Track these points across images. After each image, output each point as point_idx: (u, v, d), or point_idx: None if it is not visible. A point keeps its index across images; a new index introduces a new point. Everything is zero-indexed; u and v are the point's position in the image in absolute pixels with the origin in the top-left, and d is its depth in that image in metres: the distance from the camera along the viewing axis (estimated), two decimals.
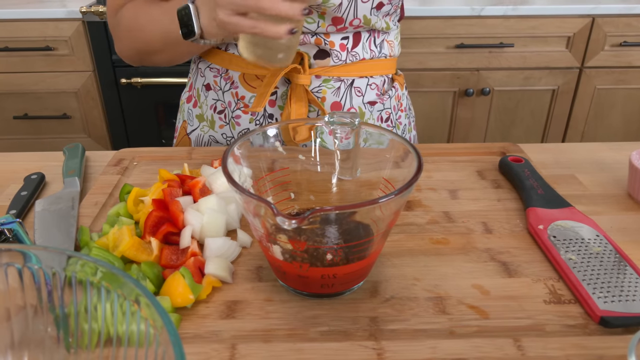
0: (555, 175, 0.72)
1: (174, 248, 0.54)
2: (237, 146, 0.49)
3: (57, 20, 1.73)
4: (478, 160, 0.74)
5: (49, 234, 0.58)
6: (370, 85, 0.80)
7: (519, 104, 1.92)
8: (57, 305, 0.40)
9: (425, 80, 1.85)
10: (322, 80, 0.77)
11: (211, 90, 0.82)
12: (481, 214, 0.62)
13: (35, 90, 1.84)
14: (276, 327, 0.46)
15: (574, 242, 0.55)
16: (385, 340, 0.45)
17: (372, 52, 0.78)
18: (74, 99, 1.86)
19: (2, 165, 0.75)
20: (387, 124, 0.84)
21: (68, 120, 1.89)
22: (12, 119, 1.88)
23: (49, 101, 1.87)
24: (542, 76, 1.87)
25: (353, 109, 0.79)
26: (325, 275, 0.46)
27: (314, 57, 0.75)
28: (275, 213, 0.39)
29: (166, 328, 0.31)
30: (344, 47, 0.75)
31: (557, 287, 0.51)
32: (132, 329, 0.36)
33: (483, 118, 1.93)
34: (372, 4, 0.72)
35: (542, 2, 1.81)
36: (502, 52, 1.81)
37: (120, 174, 0.70)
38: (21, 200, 0.65)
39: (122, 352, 0.37)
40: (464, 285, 0.51)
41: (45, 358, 0.40)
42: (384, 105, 0.82)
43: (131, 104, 1.87)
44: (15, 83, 1.83)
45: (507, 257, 0.55)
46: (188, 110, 0.87)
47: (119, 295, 0.36)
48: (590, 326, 0.46)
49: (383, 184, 0.52)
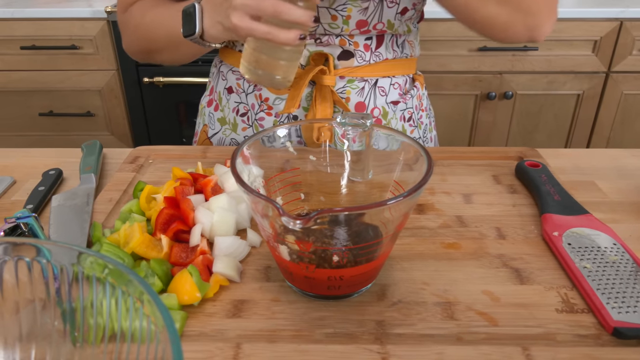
0: (573, 181, 0.71)
1: (184, 246, 0.54)
2: (247, 146, 0.49)
3: (82, 20, 1.76)
4: (494, 165, 0.73)
5: (63, 229, 0.59)
6: (393, 84, 0.80)
7: (542, 109, 1.89)
8: (64, 299, 0.40)
9: (446, 83, 1.84)
10: (347, 81, 0.77)
11: (233, 93, 0.82)
12: (495, 219, 0.61)
13: (60, 88, 1.88)
14: (282, 327, 0.46)
15: (589, 250, 0.53)
16: (390, 345, 0.44)
17: (394, 52, 0.79)
18: (97, 97, 1.89)
19: (22, 161, 0.77)
20: (410, 124, 0.83)
21: (92, 118, 1.93)
22: (38, 115, 1.92)
23: (74, 99, 1.90)
24: (566, 80, 1.83)
25: (377, 109, 0.79)
26: (332, 277, 0.45)
27: (338, 58, 0.75)
28: (281, 213, 0.39)
29: (166, 327, 0.32)
30: (367, 48, 0.76)
31: (570, 295, 0.50)
32: (135, 326, 0.36)
33: (505, 122, 1.90)
34: (397, 9, 0.73)
35: (569, 5, 1.77)
36: (525, 55, 1.79)
37: (136, 172, 0.71)
38: (38, 195, 0.66)
39: (125, 348, 0.37)
40: (474, 291, 0.50)
41: (52, 351, 0.41)
42: (407, 104, 0.82)
43: (153, 102, 1.89)
44: (41, 81, 1.86)
45: (520, 264, 0.54)
46: (209, 114, 0.87)
47: (123, 292, 0.37)
48: (603, 337, 0.45)
49: (393, 186, 0.52)
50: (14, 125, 1.95)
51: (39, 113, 1.92)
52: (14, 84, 1.87)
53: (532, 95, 1.86)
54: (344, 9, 0.71)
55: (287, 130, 0.53)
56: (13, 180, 0.72)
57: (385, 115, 0.80)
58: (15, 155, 0.79)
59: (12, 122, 1.95)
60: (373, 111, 0.79)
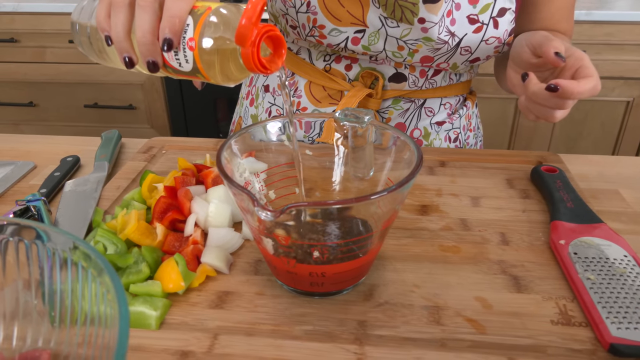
0: (596, 189, 0.67)
1: (179, 235, 0.54)
2: (236, 139, 0.49)
3: None
4: (510, 168, 0.70)
5: (69, 213, 0.61)
6: (444, 104, 0.76)
7: (588, 115, 1.81)
8: (47, 282, 0.41)
9: (486, 86, 1.78)
10: (392, 101, 0.73)
11: (268, 93, 0.81)
12: (501, 224, 0.58)
13: (105, 81, 1.94)
14: (262, 321, 0.46)
15: (596, 261, 0.50)
16: (369, 346, 0.43)
17: (450, 80, 0.75)
18: (139, 90, 1.95)
19: (45, 147, 0.80)
20: (455, 144, 0.80)
21: (133, 111, 1.98)
22: (83, 107, 1.99)
23: (117, 92, 1.96)
24: (615, 86, 1.75)
25: (417, 130, 0.76)
26: (314, 273, 0.45)
27: (389, 79, 0.72)
28: (255, 204, 0.38)
29: (119, 314, 0.32)
30: (423, 74, 0.72)
31: (569, 307, 0.47)
32: (101, 311, 0.36)
33: (547, 127, 1.83)
34: (469, 57, 0.69)
35: (621, 8, 1.69)
36: None
37: (147, 161, 0.72)
38: (53, 180, 0.68)
39: (94, 331, 0.37)
40: (466, 296, 0.48)
41: (32, 331, 0.42)
42: (453, 125, 0.78)
43: (192, 97, 1.93)
44: (87, 74, 1.93)
45: (520, 271, 0.51)
46: (245, 107, 0.86)
47: (100, 282, 0.37)
48: (599, 353, 0.42)
49: (387, 184, 0.50)
50: (61, 116, 2.04)
51: (85, 105, 1.99)
52: (63, 76, 1.95)
53: (577, 101, 1.78)
54: (414, 44, 0.67)
55: (281, 124, 0.52)
56: (34, 165, 0.74)
57: (427, 137, 0.76)
58: (40, 142, 0.81)
59: (60, 112, 2.03)
60: (413, 132, 0.75)
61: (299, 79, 0.76)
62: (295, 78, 0.77)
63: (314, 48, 0.74)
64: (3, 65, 1.96)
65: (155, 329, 0.45)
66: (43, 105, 2.03)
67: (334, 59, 0.73)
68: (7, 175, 0.71)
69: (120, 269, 0.50)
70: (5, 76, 1.98)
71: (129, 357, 0.42)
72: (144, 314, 0.45)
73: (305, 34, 0.70)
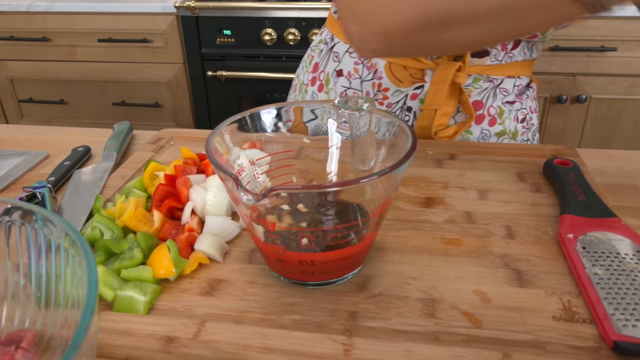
0: (614, 184, 0.64)
1: (176, 223, 0.54)
2: (228, 125, 0.48)
3: (154, 15, 1.84)
4: (522, 162, 0.67)
5: (73, 200, 0.61)
6: (517, 86, 0.77)
7: (620, 114, 1.74)
8: (35, 264, 0.41)
9: None
10: (473, 79, 0.74)
11: (342, 77, 0.79)
12: (508, 217, 0.56)
13: (132, 79, 1.98)
14: (251, 309, 0.45)
15: (605, 256, 0.48)
16: (358, 337, 0.42)
17: (525, 54, 0.75)
18: (165, 89, 1.97)
19: (59, 138, 0.81)
20: (523, 125, 0.80)
21: (159, 109, 2.01)
22: (111, 104, 2.03)
23: (144, 90, 1.99)
24: None
25: (493, 107, 0.76)
26: (304, 262, 0.43)
27: (472, 55, 0.72)
28: (238, 187, 0.38)
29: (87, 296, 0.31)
30: (504, 47, 0.72)
31: (574, 303, 0.44)
32: (80, 294, 0.36)
33: (577, 127, 1.78)
34: None
35: None
36: (602, 56, 1.66)
37: (155, 152, 0.72)
38: (62, 169, 0.69)
39: (75, 314, 0.37)
40: (464, 290, 0.46)
41: (20, 312, 0.42)
42: (522, 104, 0.79)
43: (216, 96, 1.94)
44: (115, 72, 1.97)
45: (524, 266, 0.49)
46: (312, 94, 0.83)
47: (73, 256, 0.37)
48: (602, 351, 0.40)
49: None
50: (90, 113, 2.08)
51: (112, 102, 2.03)
52: (92, 74, 1.99)
53: (609, 99, 1.72)
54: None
55: (276, 110, 0.51)
56: (46, 155, 0.75)
57: (501, 115, 0.77)
58: (53, 133, 0.83)
59: (89, 110, 2.07)
60: (489, 109, 0.76)
61: (378, 60, 0.75)
62: (372, 61, 0.75)
63: None
64: (36, 63, 2.01)
65: (144, 314, 0.44)
66: (73, 103, 2.08)
67: None
68: (19, 164, 0.72)
69: (114, 255, 0.50)
70: (38, 74, 2.04)
71: (115, 340, 0.42)
72: (133, 299, 0.45)
73: None
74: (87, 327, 0.29)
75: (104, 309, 0.45)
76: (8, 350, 0.39)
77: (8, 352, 0.38)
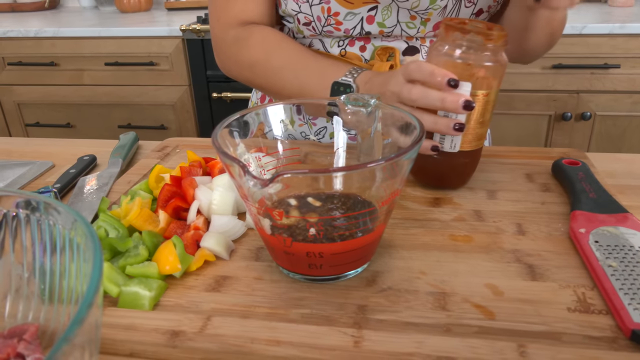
0: (622, 185, 0.63)
1: (182, 223, 0.54)
2: (233, 120, 0.48)
3: (160, 38, 1.86)
4: (531, 164, 0.67)
5: (77, 204, 0.61)
6: None
7: (625, 132, 1.74)
8: (37, 257, 0.41)
9: (517, 102, 1.75)
10: None
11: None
12: (518, 215, 0.55)
13: (138, 102, 1.99)
14: (258, 304, 0.44)
15: (619, 249, 0.47)
16: (368, 330, 0.40)
17: None
18: (171, 111, 1.99)
19: (64, 149, 0.81)
20: None
21: (165, 131, 2.02)
22: (117, 127, 2.05)
23: (150, 112, 2.01)
24: None
25: None
26: (311, 254, 0.43)
27: (403, 53, 0.73)
28: (245, 173, 0.37)
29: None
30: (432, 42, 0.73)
31: (589, 295, 0.43)
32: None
33: (582, 145, 1.77)
34: (473, 9, 0.70)
35: None
36: (606, 73, 1.66)
37: (160, 159, 0.72)
38: (67, 177, 0.69)
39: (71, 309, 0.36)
40: (475, 283, 0.45)
41: (24, 307, 0.41)
42: None
43: (222, 117, 1.94)
44: (121, 95, 1.99)
45: (536, 260, 0.48)
46: None
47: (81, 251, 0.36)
48: (620, 341, 0.39)
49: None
50: (96, 136, 2.09)
51: (118, 125, 2.04)
52: (99, 97, 2.01)
53: (614, 116, 1.72)
54: (425, 13, 0.69)
55: (282, 107, 0.51)
56: (52, 165, 0.75)
57: None
58: (60, 144, 0.83)
59: (96, 132, 2.09)
60: None
61: None
62: None
63: (327, 37, 0.74)
64: (44, 88, 2.04)
65: (149, 309, 0.43)
66: (79, 126, 2.09)
67: (348, 43, 0.74)
68: (25, 173, 0.72)
69: (119, 253, 0.49)
70: (45, 98, 2.06)
71: (118, 335, 0.41)
72: (138, 294, 0.44)
73: (321, 27, 0.70)
74: (81, 319, 0.26)
75: (108, 305, 0.44)
76: (10, 342, 0.38)
77: (10, 344, 0.38)
